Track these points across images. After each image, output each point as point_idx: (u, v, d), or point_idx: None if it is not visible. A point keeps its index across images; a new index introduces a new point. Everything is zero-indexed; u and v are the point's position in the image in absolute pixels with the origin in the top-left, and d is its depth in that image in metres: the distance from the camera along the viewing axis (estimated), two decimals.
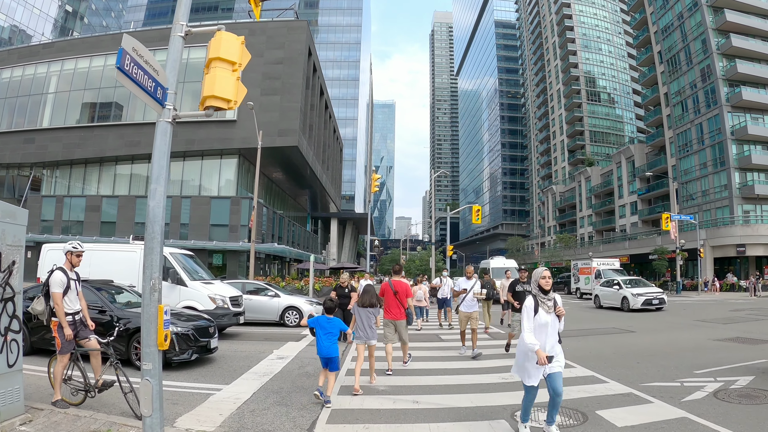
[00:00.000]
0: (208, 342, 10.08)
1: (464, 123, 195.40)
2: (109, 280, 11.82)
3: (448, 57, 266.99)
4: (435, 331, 16.73)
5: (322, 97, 55.83)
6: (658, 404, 7.26)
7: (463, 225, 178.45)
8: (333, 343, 7.41)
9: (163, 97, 5.54)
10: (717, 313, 22.26)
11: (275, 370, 9.49)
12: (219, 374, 9.17)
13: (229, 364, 10.11)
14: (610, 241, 73.24)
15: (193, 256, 15.87)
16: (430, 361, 11.08)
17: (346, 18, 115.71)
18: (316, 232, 76.26)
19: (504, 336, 14.71)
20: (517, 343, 6.09)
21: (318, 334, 7.47)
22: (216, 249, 38.71)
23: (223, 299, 13.89)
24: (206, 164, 42.53)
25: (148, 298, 5.00)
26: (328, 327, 7.47)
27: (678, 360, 10.82)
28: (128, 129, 41.57)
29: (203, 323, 10.29)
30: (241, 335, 14.91)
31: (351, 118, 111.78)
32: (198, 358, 9.99)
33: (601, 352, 11.97)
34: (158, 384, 4.98)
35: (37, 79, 45.05)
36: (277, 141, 38.82)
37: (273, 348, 12.29)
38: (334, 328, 7.50)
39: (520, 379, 5.79)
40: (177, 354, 9.45)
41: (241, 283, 18.55)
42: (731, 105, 52.71)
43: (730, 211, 51.54)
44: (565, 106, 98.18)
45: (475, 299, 12.13)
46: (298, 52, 41.69)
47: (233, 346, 12.63)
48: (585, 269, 37.97)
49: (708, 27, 54.88)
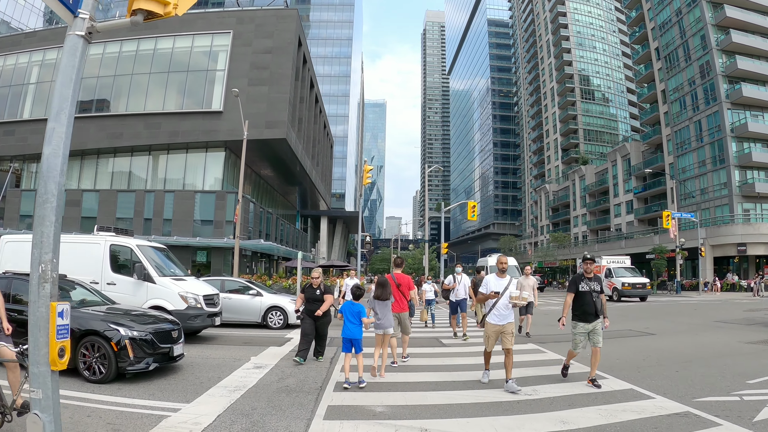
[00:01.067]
0: (171, 349, 8.45)
1: (456, 123, 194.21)
2: (62, 275, 10.20)
3: (440, 56, 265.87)
4: (434, 334, 15.16)
5: (312, 91, 54.16)
6: (728, 427, 5.77)
7: (453, 225, 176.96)
8: (356, 326, 8.21)
9: (76, 2, 3.92)
10: (733, 314, 20.88)
11: (249, 384, 7.86)
12: (181, 389, 7.54)
13: (196, 375, 8.46)
14: (606, 241, 72.06)
15: (165, 249, 14.22)
16: (437, 372, 9.50)
17: (337, 14, 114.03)
18: (306, 231, 74.57)
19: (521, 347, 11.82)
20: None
21: (345, 318, 8.30)
22: (200, 246, 36.97)
23: (196, 298, 12.23)
24: (191, 158, 40.78)
25: (36, 292, 3.41)
26: (351, 311, 8.29)
27: (720, 367, 9.36)
28: (110, 120, 39.82)
29: (166, 326, 8.66)
30: (217, 339, 13.28)
31: (342, 114, 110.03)
32: (158, 368, 8.37)
33: (630, 360, 10.41)
34: (53, 421, 3.36)
35: (19, 69, 43.20)
36: (265, 133, 37.15)
37: (251, 354, 10.67)
38: (356, 313, 8.27)
39: None
40: (131, 363, 7.84)
41: (221, 280, 16.87)
42: (731, 102, 51.65)
43: (729, 210, 50.42)
44: (558, 105, 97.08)
45: (511, 305, 8.02)
46: (287, 41, 40.04)
47: (206, 352, 11.01)
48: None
49: (707, 23, 53.78)
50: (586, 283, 8.21)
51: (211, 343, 12.45)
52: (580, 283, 8.24)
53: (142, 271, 12.16)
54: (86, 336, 7.98)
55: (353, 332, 8.12)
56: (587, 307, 8.06)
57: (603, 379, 8.26)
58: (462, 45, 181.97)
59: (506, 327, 7.99)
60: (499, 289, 8.01)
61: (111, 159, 41.83)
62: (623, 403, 6.85)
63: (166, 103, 39.53)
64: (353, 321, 8.19)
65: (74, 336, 7.93)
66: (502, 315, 8.01)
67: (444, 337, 14.35)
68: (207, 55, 40.17)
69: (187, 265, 36.42)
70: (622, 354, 11.11)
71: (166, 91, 39.85)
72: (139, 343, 7.94)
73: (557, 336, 13.21)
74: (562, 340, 12.20)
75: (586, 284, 8.20)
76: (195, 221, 37.85)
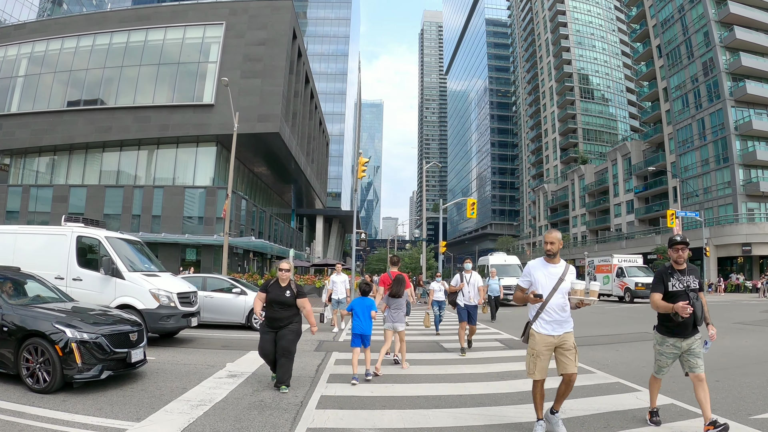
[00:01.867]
0: (128, 354, 7.18)
1: (453, 123, 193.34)
2: (15, 267, 9.00)
3: (438, 56, 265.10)
4: (436, 337, 13.93)
5: (308, 86, 52.95)
6: None
7: (450, 225, 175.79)
8: (367, 321, 8.10)
9: None
10: (749, 315, 19.83)
11: (217, 397, 6.60)
12: (134, 402, 6.28)
13: (158, 386, 7.20)
14: (606, 241, 70.98)
15: (139, 242, 12.97)
16: (440, 383, 8.27)
17: (334, 11, 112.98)
18: (302, 230, 73.38)
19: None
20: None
21: (355, 313, 8.15)
22: (189, 243, 35.68)
23: (169, 296, 10.95)
24: (181, 153, 39.59)
25: None
26: (360, 307, 8.17)
27: (765, 376, 8.16)
28: (99, 114, 38.67)
29: (123, 327, 7.39)
30: (194, 341, 12.01)
31: (338, 113, 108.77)
32: (114, 377, 7.14)
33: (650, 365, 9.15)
34: None
35: (7, 62, 42.07)
36: (257, 127, 35.95)
37: (227, 360, 9.39)
38: (365, 308, 8.17)
39: None
40: (80, 370, 6.60)
41: (202, 277, 15.54)
42: (735, 99, 50.61)
43: (733, 209, 49.37)
44: (557, 104, 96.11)
45: (571, 304, 5.39)
46: (281, 33, 38.85)
47: (177, 357, 9.74)
48: (604, 267, 35.23)
49: (710, 19, 52.77)
50: (678, 278, 5.39)
51: (187, 346, 11.20)
52: (669, 278, 5.41)
53: (110, 265, 10.90)
54: (30, 337, 6.77)
55: (364, 327, 8.08)
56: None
57: (635, 392, 7.09)
58: (460, 45, 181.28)
59: (566, 339, 5.25)
60: (551, 282, 5.30)
61: (100, 154, 40.65)
62: (668, 424, 5.67)
63: (156, 96, 38.36)
64: (364, 316, 8.13)
65: (16, 337, 6.79)
66: (558, 320, 5.26)
67: (446, 341, 13.00)
68: (199, 47, 38.97)
69: (176, 263, 35.18)
70: (649, 360, 9.89)
71: (156, 83, 38.68)
72: (88, 347, 6.71)
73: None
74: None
75: (677, 280, 5.38)
76: (185, 218, 36.63)
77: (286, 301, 7.21)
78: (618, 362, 9.66)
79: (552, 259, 5.42)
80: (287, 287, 7.28)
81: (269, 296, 7.24)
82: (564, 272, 5.36)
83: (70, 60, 40.23)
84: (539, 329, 5.29)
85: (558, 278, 5.31)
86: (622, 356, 10.51)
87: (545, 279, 5.33)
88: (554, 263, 5.42)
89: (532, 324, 5.36)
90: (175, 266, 34.66)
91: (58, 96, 39.98)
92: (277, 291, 7.25)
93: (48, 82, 40.35)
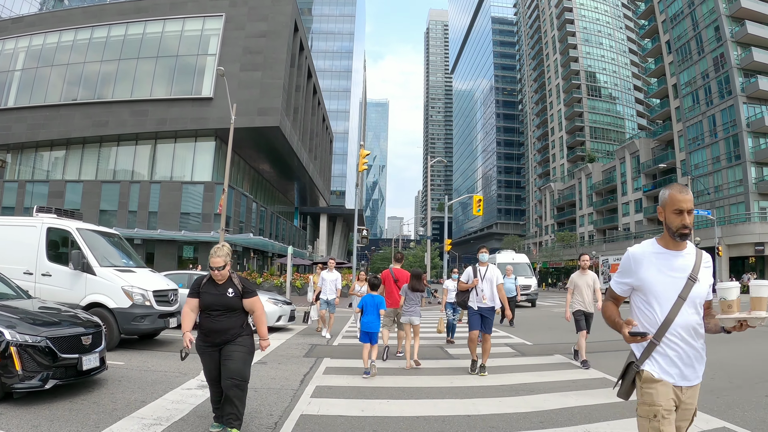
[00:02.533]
0: (79, 360, 6.17)
1: (458, 122, 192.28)
2: None
3: (443, 55, 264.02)
4: (440, 342, 12.87)
5: (310, 80, 51.94)
6: None
7: (455, 225, 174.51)
8: (373, 319, 8.14)
9: None
10: None
11: (177, 415, 5.57)
12: (80, 419, 5.26)
13: (114, 398, 6.16)
14: (614, 240, 69.70)
15: (116, 235, 11.98)
16: (447, 399, 7.23)
17: (339, 8, 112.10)
18: (305, 229, 72.45)
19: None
20: None
21: (365, 310, 8.17)
22: (186, 240, 34.72)
23: (144, 294, 9.92)
24: (180, 148, 38.69)
25: None
26: (371, 304, 8.22)
27: None
28: (96, 108, 37.79)
29: (74, 330, 6.37)
30: (174, 344, 10.95)
31: (343, 110, 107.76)
32: (64, 386, 6.14)
33: None
34: None
35: (4, 56, 41.35)
36: (257, 121, 34.96)
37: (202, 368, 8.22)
38: (374, 305, 8.21)
39: None
40: (21, 378, 5.61)
41: (187, 274, 14.50)
42: (747, 95, 49.38)
43: (745, 208, 48.15)
44: (564, 102, 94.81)
45: (702, 324, 2.94)
46: (282, 24, 37.87)
47: (148, 362, 8.70)
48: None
49: (721, 14, 51.53)
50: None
51: (164, 350, 10.17)
52: None
53: (80, 259, 9.90)
54: None
55: (374, 325, 8.10)
56: None
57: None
58: (465, 44, 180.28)
59: (694, 392, 2.94)
60: (676, 284, 2.90)
61: (97, 149, 39.75)
62: None
63: (154, 90, 37.49)
64: (374, 313, 8.17)
65: None
66: (690, 354, 2.89)
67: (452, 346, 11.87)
68: (198, 39, 38.05)
69: (173, 260, 34.29)
70: (719, 376, 8.78)
71: (155, 77, 37.82)
72: (31, 351, 5.71)
73: None
74: None
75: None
76: (182, 214, 35.72)
77: (228, 303, 4.95)
78: None
79: (679, 244, 2.96)
80: (228, 284, 5.01)
81: (203, 301, 4.97)
82: (696, 265, 2.94)
83: (68, 54, 39.44)
84: (658, 371, 2.87)
85: (688, 276, 2.90)
86: None
87: (663, 279, 2.92)
88: (681, 250, 2.96)
89: (640, 363, 2.94)
90: (172, 264, 33.79)
91: (56, 90, 39.17)
92: (213, 292, 4.97)
93: (45, 76, 39.57)
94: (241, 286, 5.04)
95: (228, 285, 5.01)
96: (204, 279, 5.09)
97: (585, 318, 9.38)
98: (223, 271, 4.94)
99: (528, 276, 27.87)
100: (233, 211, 36.65)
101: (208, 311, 4.98)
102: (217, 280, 5.00)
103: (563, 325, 15.04)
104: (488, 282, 8.67)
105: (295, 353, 10.12)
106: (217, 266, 4.90)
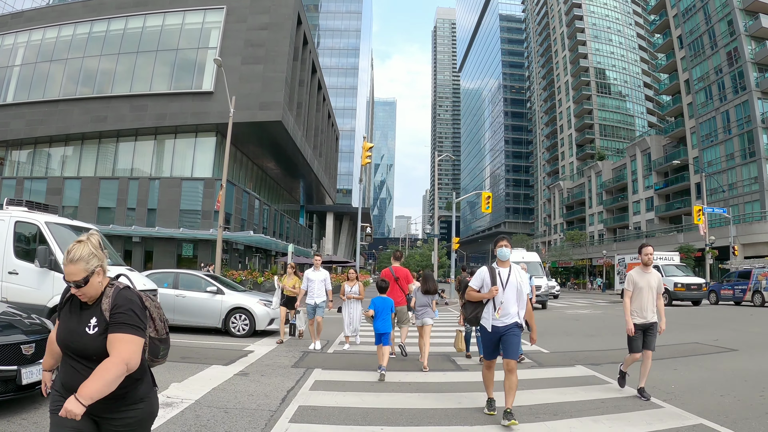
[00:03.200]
0: (17, 373, 5.24)
1: (466, 120, 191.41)
2: None
3: (451, 53, 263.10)
4: (445, 349, 11.86)
5: (315, 75, 51.07)
6: None
7: (463, 224, 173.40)
8: (385, 320, 8.27)
9: None
10: None
11: None
12: None
13: None
14: (624, 239, 68.40)
15: (92, 230, 11.10)
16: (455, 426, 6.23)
17: (346, 4, 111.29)
18: (311, 227, 71.64)
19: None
20: None
21: (377, 313, 8.31)
22: (185, 238, 33.89)
23: None
24: (180, 143, 37.89)
25: None
26: (380, 306, 8.38)
27: None
28: (94, 103, 37.08)
29: (12, 337, 5.41)
30: None
31: (350, 108, 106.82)
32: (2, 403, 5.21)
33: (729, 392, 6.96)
34: None
35: (4, 52, 40.79)
36: (259, 115, 34.11)
37: (174, 379, 7.18)
38: (385, 307, 8.38)
39: None
40: None
41: (174, 273, 13.51)
42: (761, 91, 48.07)
43: (760, 206, 46.89)
44: (573, 99, 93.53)
45: None
46: (285, 17, 37.02)
47: None
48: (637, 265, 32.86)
49: (735, 7, 50.29)
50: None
51: None
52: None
53: (47, 256, 9.03)
54: None
55: (386, 326, 8.24)
56: None
57: None
58: (473, 42, 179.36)
59: None
60: None
61: (96, 145, 39.06)
62: None
63: (153, 84, 36.73)
64: (386, 316, 8.33)
65: None
66: None
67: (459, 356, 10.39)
68: (198, 32, 37.27)
69: (172, 258, 33.52)
70: (710, 383, 7.70)
71: (154, 71, 37.08)
72: None
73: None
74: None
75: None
76: (182, 211, 34.96)
77: (84, 346, 2.52)
78: (683, 387, 7.39)
79: None
80: (94, 310, 2.58)
81: (57, 333, 2.68)
82: None
83: (67, 48, 38.81)
84: None
85: None
86: (683, 378, 8.12)
87: None
88: None
89: None
90: (171, 262, 33.04)
91: (55, 85, 38.56)
92: (71, 319, 2.61)
93: (44, 72, 38.96)
94: (109, 312, 2.53)
95: (93, 311, 2.58)
96: (67, 296, 2.69)
97: (644, 333, 7.10)
98: (86, 289, 2.54)
99: (539, 275, 26.84)
100: (234, 208, 35.83)
101: (65, 352, 2.62)
102: (84, 298, 2.60)
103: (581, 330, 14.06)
104: (513, 289, 5.78)
105: (283, 362, 9.11)
106: (73, 280, 2.52)
